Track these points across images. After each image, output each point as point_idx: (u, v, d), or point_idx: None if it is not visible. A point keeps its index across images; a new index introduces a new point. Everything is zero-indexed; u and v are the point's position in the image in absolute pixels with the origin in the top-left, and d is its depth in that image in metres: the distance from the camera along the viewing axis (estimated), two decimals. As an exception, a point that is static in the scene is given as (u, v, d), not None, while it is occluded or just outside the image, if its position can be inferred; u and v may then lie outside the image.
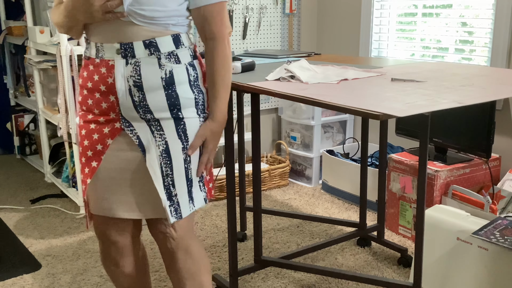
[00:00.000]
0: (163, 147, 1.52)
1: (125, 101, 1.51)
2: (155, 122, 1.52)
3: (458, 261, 2.05)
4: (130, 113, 1.52)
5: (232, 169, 2.08)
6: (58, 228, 2.93)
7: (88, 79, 1.53)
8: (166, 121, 1.53)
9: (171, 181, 1.54)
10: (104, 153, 1.54)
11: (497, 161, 2.74)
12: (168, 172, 1.54)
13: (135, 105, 1.51)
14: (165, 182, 1.53)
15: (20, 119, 4.18)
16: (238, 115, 2.36)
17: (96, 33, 1.51)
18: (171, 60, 1.52)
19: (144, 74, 1.49)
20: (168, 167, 1.54)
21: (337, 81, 1.84)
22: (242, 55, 2.68)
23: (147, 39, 1.48)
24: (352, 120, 3.74)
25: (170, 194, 1.55)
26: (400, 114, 1.35)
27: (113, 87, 1.50)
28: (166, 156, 1.53)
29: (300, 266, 2.23)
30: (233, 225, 2.12)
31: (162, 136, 1.53)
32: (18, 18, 3.97)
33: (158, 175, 1.52)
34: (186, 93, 1.54)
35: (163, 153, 1.52)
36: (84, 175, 1.58)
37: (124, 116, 1.52)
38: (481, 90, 1.66)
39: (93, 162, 1.56)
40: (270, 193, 3.47)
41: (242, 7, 3.48)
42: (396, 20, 3.38)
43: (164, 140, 1.52)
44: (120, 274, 1.73)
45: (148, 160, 1.52)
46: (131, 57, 1.48)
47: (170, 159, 1.53)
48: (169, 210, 1.55)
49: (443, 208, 2.18)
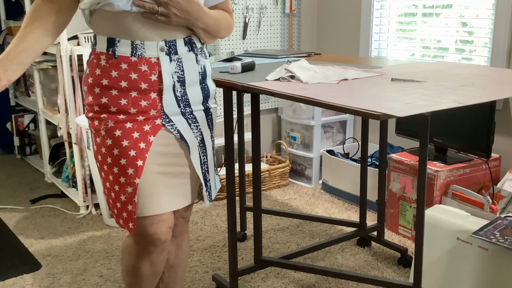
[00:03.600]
0: (200, 138, 1.64)
1: (169, 97, 1.54)
2: (190, 115, 1.60)
3: (458, 261, 2.05)
4: (172, 108, 1.55)
5: (232, 169, 2.08)
6: (58, 228, 2.93)
7: (121, 78, 1.50)
8: (199, 113, 1.62)
9: (206, 167, 1.68)
10: (148, 151, 1.53)
11: (497, 161, 2.74)
12: (205, 159, 1.67)
13: (177, 100, 1.56)
14: (202, 170, 1.66)
15: (20, 119, 4.18)
16: (238, 115, 2.36)
17: (133, 32, 1.48)
18: (203, 56, 1.63)
19: (186, 70, 1.56)
20: (204, 155, 1.66)
21: (337, 81, 1.84)
22: (242, 55, 2.68)
23: (186, 36, 1.56)
24: (352, 120, 3.74)
25: (206, 180, 1.68)
26: (400, 114, 1.35)
27: (156, 84, 1.51)
28: (203, 146, 1.65)
29: (300, 266, 2.23)
30: (233, 225, 2.12)
31: (198, 127, 1.62)
32: (18, 18, 3.97)
33: (198, 164, 1.64)
34: (212, 85, 1.67)
35: (200, 143, 1.64)
36: (127, 177, 1.52)
37: (166, 112, 1.54)
38: (481, 90, 1.66)
39: (139, 161, 1.52)
40: (270, 193, 3.47)
41: (242, 7, 3.48)
42: (396, 20, 3.38)
43: (200, 131, 1.63)
44: (154, 273, 1.72)
45: (192, 152, 1.61)
46: (174, 54, 1.53)
47: (205, 148, 1.66)
48: (206, 194, 1.68)
49: (443, 208, 2.18)
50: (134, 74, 1.49)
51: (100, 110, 1.52)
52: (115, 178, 1.54)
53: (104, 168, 1.56)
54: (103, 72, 1.50)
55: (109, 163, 1.53)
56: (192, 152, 1.61)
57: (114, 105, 1.51)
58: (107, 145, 1.52)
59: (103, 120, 1.52)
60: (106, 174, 1.56)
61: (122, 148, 1.51)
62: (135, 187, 1.52)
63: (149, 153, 1.53)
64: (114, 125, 1.51)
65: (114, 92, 1.50)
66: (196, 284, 2.34)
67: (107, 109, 1.51)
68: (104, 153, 1.54)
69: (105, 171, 1.56)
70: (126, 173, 1.52)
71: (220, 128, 3.59)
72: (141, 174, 1.52)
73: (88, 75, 1.54)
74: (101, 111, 1.52)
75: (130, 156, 1.51)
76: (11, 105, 4.27)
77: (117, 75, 1.49)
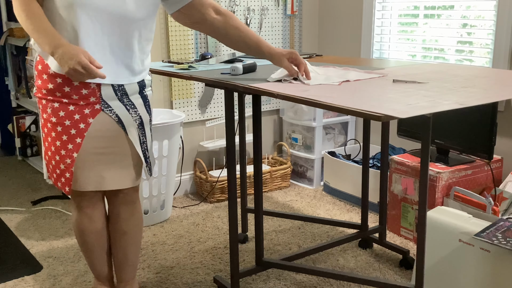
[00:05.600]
0: (139, 121, 1.90)
1: (106, 87, 1.81)
2: (128, 101, 1.87)
3: (460, 263, 2.05)
4: (110, 96, 1.82)
5: (233, 170, 2.08)
6: (59, 230, 2.93)
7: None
8: (137, 100, 1.90)
9: (146, 146, 1.95)
10: (87, 130, 1.81)
11: (499, 163, 2.73)
12: (144, 139, 1.94)
13: (114, 90, 1.82)
14: (142, 148, 1.93)
15: (22, 121, 4.18)
16: (240, 117, 2.36)
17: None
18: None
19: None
20: (144, 136, 1.93)
21: (338, 82, 1.84)
22: (244, 56, 2.68)
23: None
24: (354, 121, 3.73)
25: (145, 157, 1.96)
26: (402, 115, 1.35)
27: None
28: (142, 128, 1.92)
29: (302, 268, 2.23)
30: (234, 227, 2.12)
31: (137, 112, 1.89)
32: (20, 20, 3.97)
33: (138, 143, 1.91)
34: (147, 76, 1.96)
35: (139, 126, 1.91)
36: (66, 151, 1.82)
37: (104, 99, 1.81)
38: (482, 91, 1.66)
39: (77, 139, 1.81)
40: (272, 195, 3.46)
41: (244, 8, 3.48)
42: (397, 21, 3.38)
43: (138, 115, 1.90)
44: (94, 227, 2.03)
45: (130, 133, 1.88)
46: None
47: (144, 130, 1.93)
48: (146, 170, 1.98)
49: (445, 209, 2.18)
50: None
51: (47, 93, 1.80)
52: (56, 150, 1.83)
53: (48, 140, 1.85)
54: (51, 62, 1.76)
55: (53, 137, 1.83)
56: (130, 133, 1.88)
57: (59, 91, 1.78)
58: (52, 122, 1.81)
59: (50, 101, 1.80)
60: (49, 145, 1.86)
61: (64, 127, 1.80)
62: (73, 159, 1.82)
63: (87, 132, 1.81)
64: (59, 106, 1.79)
65: (59, 80, 1.76)
66: (198, 286, 2.34)
67: (53, 93, 1.78)
68: (49, 128, 1.83)
69: (48, 142, 1.86)
70: (67, 148, 1.82)
71: (221, 129, 3.58)
72: (79, 150, 1.81)
73: (38, 62, 1.81)
74: (47, 94, 1.80)
75: (71, 134, 1.81)
76: (13, 107, 4.27)
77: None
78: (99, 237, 2.04)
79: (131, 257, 2.10)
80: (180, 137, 3.03)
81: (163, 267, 2.50)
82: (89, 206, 1.97)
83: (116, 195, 2.01)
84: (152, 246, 2.72)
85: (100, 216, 2.02)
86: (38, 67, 1.81)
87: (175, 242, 2.77)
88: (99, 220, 2.01)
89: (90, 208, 1.98)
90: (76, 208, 1.99)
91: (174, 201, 3.35)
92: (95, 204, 1.99)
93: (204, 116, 3.47)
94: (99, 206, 2.01)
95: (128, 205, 2.03)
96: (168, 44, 3.20)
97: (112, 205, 2.03)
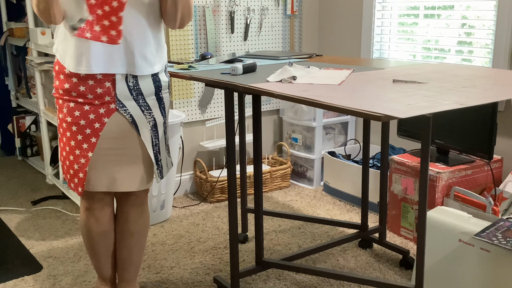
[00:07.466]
0: (153, 123, 1.91)
1: (121, 86, 1.82)
2: (144, 102, 1.87)
3: (460, 263, 2.05)
4: (125, 96, 1.83)
5: (233, 170, 2.08)
6: (59, 230, 2.93)
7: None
8: (152, 101, 1.89)
9: (158, 149, 1.94)
10: (102, 130, 1.83)
11: (499, 163, 2.73)
12: (156, 142, 1.93)
13: (129, 89, 1.83)
14: (154, 151, 1.93)
15: (22, 121, 4.18)
16: (240, 117, 2.37)
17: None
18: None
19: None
20: (156, 138, 1.93)
21: (338, 82, 1.84)
22: (244, 56, 2.68)
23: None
24: (354, 121, 3.73)
25: (157, 160, 1.95)
26: (402, 115, 1.35)
27: (110, 75, 1.80)
28: (155, 130, 1.92)
29: (302, 268, 2.23)
30: (234, 227, 2.12)
31: (151, 114, 1.89)
32: (20, 20, 3.98)
33: (150, 145, 1.91)
34: (164, 77, 1.94)
35: (153, 127, 1.91)
36: (81, 150, 1.84)
37: (119, 98, 1.82)
38: (483, 91, 1.66)
39: (92, 138, 1.83)
40: (272, 195, 3.46)
41: (244, 8, 3.48)
42: (397, 21, 3.38)
43: (152, 117, 1.90)
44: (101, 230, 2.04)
45: (143, 134, 1.88)
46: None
47: (157, 132, 1.92)
48: (157, 172, 1.96)
49: (445, 209, 2.18)
50: None
51: (63, 93, 1.83)
52: (71, 150, 1.85)
53: (64, 140, 1.87)
54: (68, 63, 1.79)
55: (68, 137, 1.85)
56: (143, 134, 1.88)
57: (74, 91, 1.80)
58: (67, 121, 1.83)
59: (66, 101, 1.83)
60: (64, 145, 1.88)
61: (79, 126, 1.82)
62: (87, 159, 1.84)
63: (102, 135, 1.82)
64: (74, 106, 1.81)
65: (75, 80, 1.79)
66: (198, 286, 2.34)
67: (69, 93, 1.81)
68: (64, 128, 1.85)
69: (63, 142, 1.88)
70: (82, 147, 1.84)
71: (221, 129, 3.58)
72: (94, 150, 1.83)
73: (55, 63, 1.86)
74: (64, 94, 1.82)
75: (86, 134, 1.83)
76: (13, 107, 4.27)
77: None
78: (105, 239, 2.04)
79: (135, 257, 2.10)
80: (180, 137, 3.03)
81: (163, 267, 2.50)
82: (97, 208, 1.99)
83: (126, 197, 2.01)
84: (152, 246, 2.72)
85: (108, 219, 2.03)
86: (56, 68, 1.85)
87: (175, 242, 2.77)
88: (106, 223, 2.02)
89: (98, 210, 1.99)
90: (85, 209, 2.00)
91: (174, 201, 3.35)
92: (104, 206, 2.00)
93: (204, 116, 3.47)
94: (108, 208, 2.02)
95: (137, 207, 2.04)
96: (168, 44, 3.20)
97: (121, 206, 2.04)
